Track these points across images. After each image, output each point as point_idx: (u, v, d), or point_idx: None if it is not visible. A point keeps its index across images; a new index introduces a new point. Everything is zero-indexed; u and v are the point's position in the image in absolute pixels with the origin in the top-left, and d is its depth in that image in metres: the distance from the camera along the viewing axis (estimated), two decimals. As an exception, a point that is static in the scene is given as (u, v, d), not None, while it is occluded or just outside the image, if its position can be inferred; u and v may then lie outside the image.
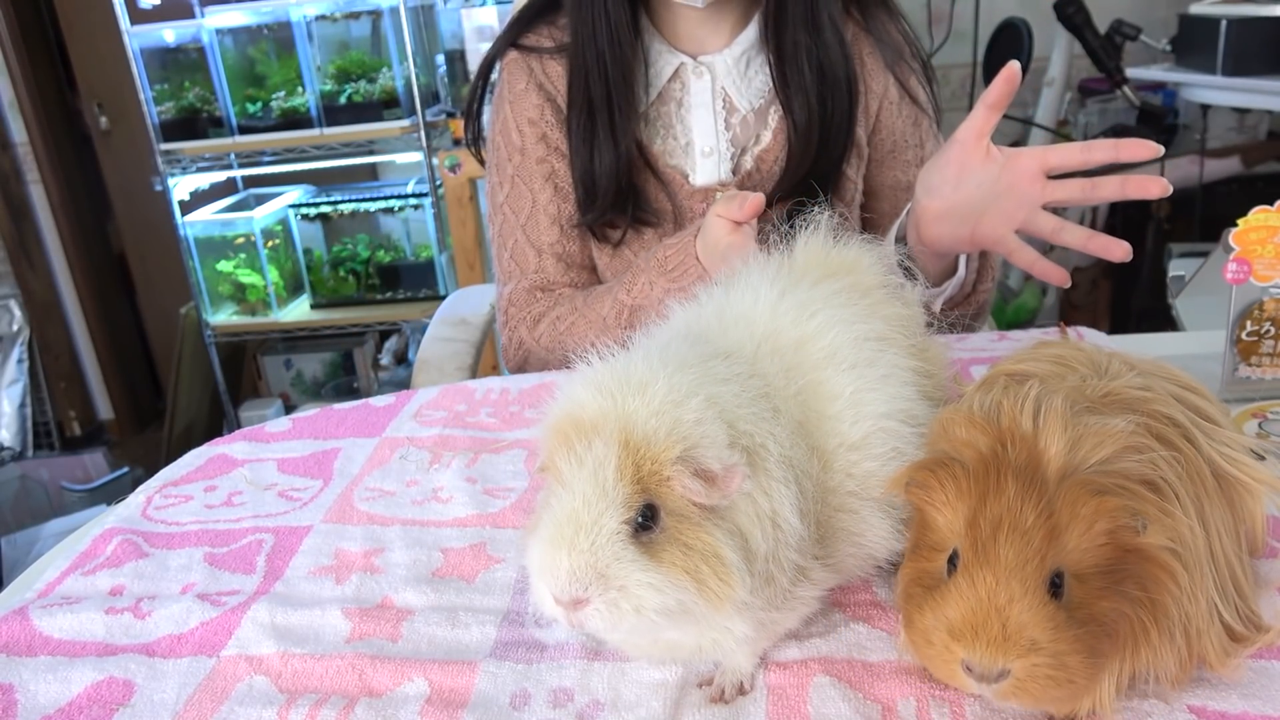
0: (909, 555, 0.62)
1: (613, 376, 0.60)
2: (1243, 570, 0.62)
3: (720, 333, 0.69)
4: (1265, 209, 0.94)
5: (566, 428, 0.60)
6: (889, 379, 0.69)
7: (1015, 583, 0.53)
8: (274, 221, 3.40)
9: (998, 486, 0.55)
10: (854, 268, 0.77)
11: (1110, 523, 0.53)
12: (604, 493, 0.57)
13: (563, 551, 0.57)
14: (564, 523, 0.57)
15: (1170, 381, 0.67)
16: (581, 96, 1.28)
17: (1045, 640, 0.53)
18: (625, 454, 0.57)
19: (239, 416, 3.53)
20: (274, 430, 1.11)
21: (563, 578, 0.56)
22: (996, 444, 0.57)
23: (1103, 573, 0.54)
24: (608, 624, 0.57)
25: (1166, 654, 0.57)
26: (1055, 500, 0.54)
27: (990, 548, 0.54)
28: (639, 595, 0.56)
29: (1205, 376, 1.02)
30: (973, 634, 0.54)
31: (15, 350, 3.80)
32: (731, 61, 1.31)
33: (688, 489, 0.57)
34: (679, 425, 0.57)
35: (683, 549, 0.57)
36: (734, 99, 1.31)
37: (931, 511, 0.59)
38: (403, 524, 0.89)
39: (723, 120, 1.32)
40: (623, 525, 0.57)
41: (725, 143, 1.31)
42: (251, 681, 0.69)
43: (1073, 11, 2.77)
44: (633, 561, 0.56)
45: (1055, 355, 0.69)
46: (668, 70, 1.31)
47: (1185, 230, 3.08)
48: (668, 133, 1.33)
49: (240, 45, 3.16)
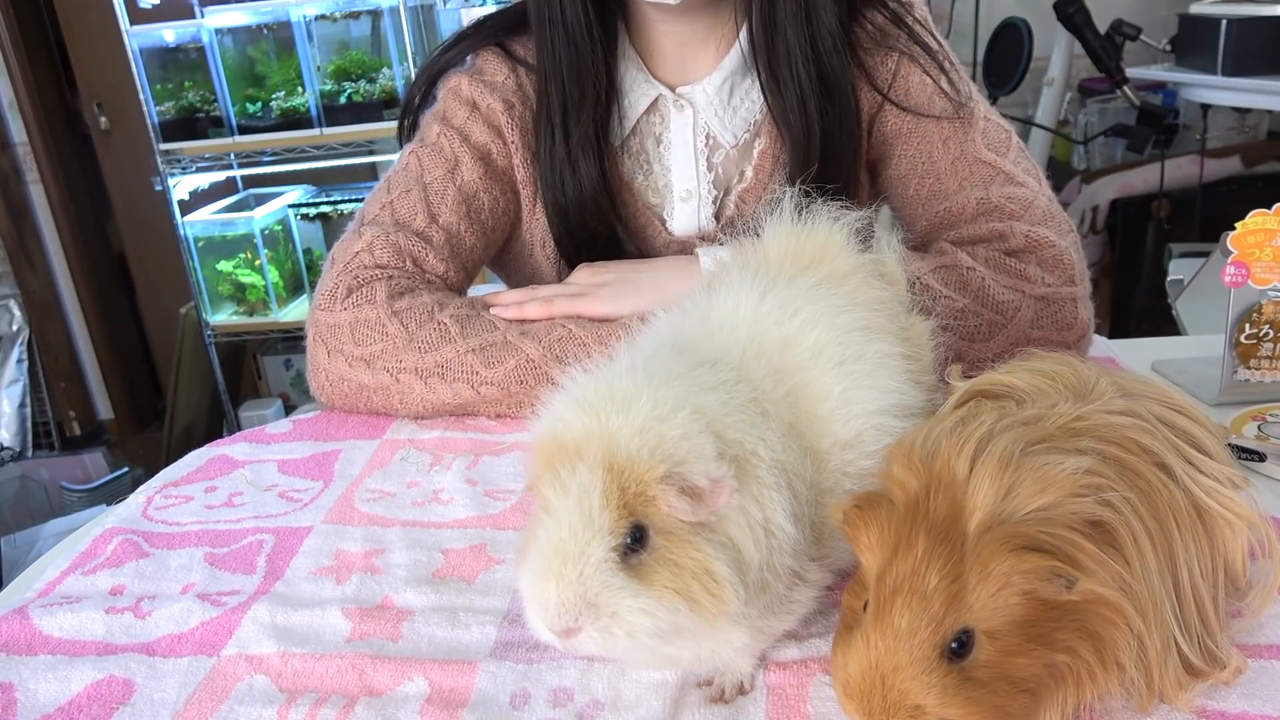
0: (851, 583, 0.61)
1: (596, 392, 0.59)
2: (1213, 604, 0.61)
3: (705, 339, 0.68)
4: (1263, 212, 0.94)
5: (551, 449, 0.59)
6: (878, 371, 0.68)
7: (904, 650, 0.53)
8: (274, 221, 3.40)
9: (909, 543, 0.54)
10: (827, 253, 0.76)
11: (1027, 582, 0.52)
12: (590, 521, 0.56)
13: (551, 583, 0.56)
14: (551, 554, 0.56)
15: (1160, 403, 0.66)
16: (545, 116, 1.16)
17: (932, 706, 0.53)
18: (610, 478, 0.56)
19: (239, 416, 3.53)
20: (274, 432, 1.11)
21: (552, 609, 0.56)
22: (923, 490, 0.56)
23: (1021, 627, 0.53)
24: (602, 650, 0.58)
25: (1115, 691, 0.56)
26: (968, 559, 0.53)
27: (887, 611, 0.54)
28: (631, 621, 0.56)
29: (1205, 379, 1.03)
30: (861, 696, 0.55)
31: (15, 350, 3.80)
32: (714, 91, 1.18)
33: (674, 508, 0.56)
34: (663, 442, 0.57)
35: (673, 568, 0.57)
36: (717, 135, 1.19)
37: (858, 550, 0.58)
38: (403, 525, 0.89)
39: (704, 160, 1.19)
40: (610, 553, 0.56)
41: (707, 185, 1.20)
42: (251, 681, 0.70)
43: (1073, 11, 2.77)
44: (622, 588, 0.56)
45: (1044, 370, 0.68)
46: (644, 102, 1.19)
47: (1185, 230, 3.08)
48: (647, 170, 1.21)
49: (240, 45, 3.16)
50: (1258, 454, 0.87)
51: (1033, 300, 1.01)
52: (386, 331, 1.05)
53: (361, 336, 1.06)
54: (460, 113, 1.19)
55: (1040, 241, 1.03)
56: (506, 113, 1.18)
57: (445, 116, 1.20)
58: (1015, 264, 1.03)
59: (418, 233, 1.13)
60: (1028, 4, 3.23)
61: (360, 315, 1.06)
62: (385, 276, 1.09)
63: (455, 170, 1.16)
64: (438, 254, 1.13)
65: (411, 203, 1.14)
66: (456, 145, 1.17)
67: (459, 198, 1.15)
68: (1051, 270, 1.03)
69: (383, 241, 1.11)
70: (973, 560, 0.53)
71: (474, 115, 1.19)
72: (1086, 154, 3.46)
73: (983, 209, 1.07)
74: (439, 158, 1.17)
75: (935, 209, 1.11)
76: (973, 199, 1.08)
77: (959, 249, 1.05)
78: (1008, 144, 1.12)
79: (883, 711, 0.54)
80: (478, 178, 1.17)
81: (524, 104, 1.19)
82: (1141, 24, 2.82)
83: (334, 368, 1.08)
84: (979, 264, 1.03)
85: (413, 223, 1.13)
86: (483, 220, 1.18)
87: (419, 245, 1.12)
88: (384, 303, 1.06)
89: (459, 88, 1.20)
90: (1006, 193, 1.07)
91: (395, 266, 1.11)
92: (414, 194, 1.15)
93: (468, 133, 1.18)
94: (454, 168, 1.16)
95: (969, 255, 1.04)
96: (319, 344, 1.10)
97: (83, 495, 3.18)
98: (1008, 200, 1.07)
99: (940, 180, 1.12)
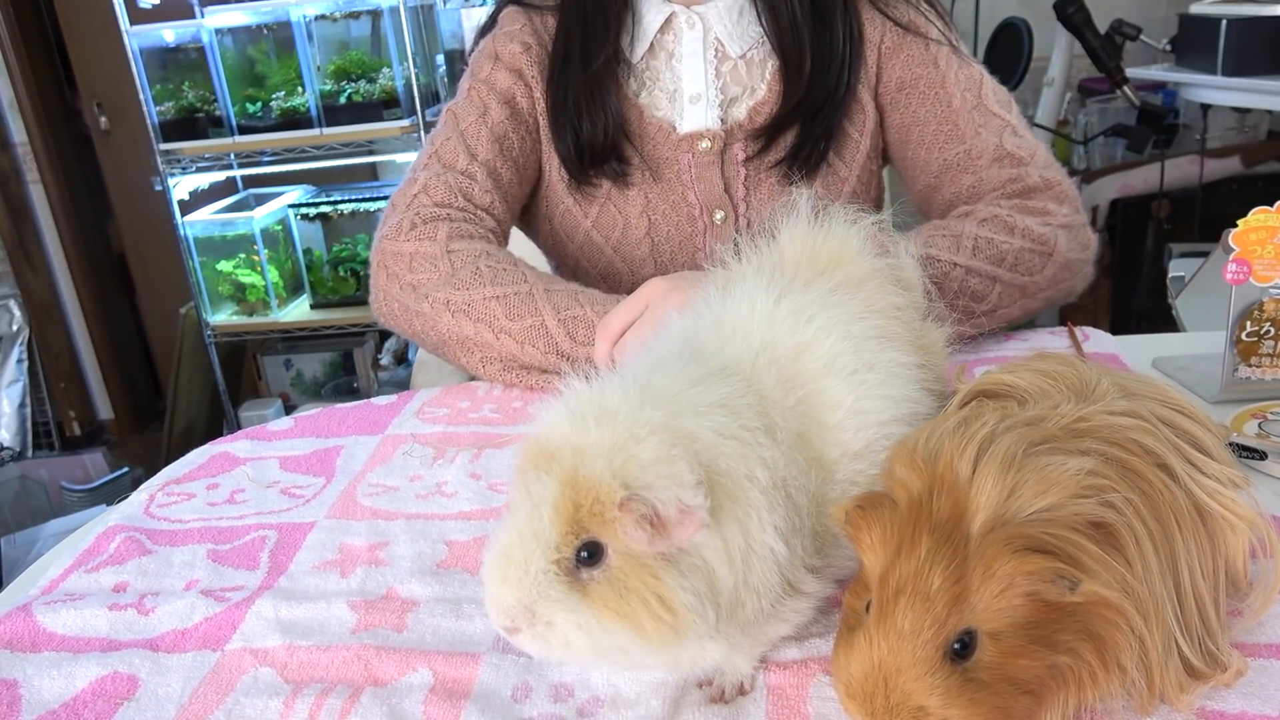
0: (852, 583, 0.61)
1: (589, 402, 0.59)
2: (1214, 606, 0.61)
3: (718, 345, 0.68)
4: (1265, 210, 0.94)
5: (532, 451, 0.59)
6: (891, 381, 0.68)
7: (907, 651, 0.53)
8: (274, 221, 3.41)
9: (912, 543, 0.54)
10: (843, 257, 0.75)
11: (1030, 583, 0.52)
12: (538, 531, 0.56)
13: (494, 584, 0.57)
14: (499, 555, 0.57)
15: (1161, 404, 0.66)
16: (563, 47, 1.27)
17: (935, 707, 0.53)
18: (568, 492, 0.56)
19: (239, 416, 3.53)
20: (276, 429, 1.11)
21: (493, 609, 0.58)
22: (926, 491, 0.56)
23: (1024, 629, 0.53)
24: (539, 653, 0.58)
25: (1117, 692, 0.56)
26: (971, 560, 0.53)
27: (890, 611, 0.54)
28: (566, 633, 0.56)
29: (1205, 377, 1.03)
30: (863, 697, 0.55)
31: (15, 350, 3.80)
32: (724, 8, 1.28)
33: (629, 537, 0.55)
34: (630, 464, 0.55)
35: (621, 591, 0.56)
36: (726, 46, 1.29)
37: (860, 551, 0.58)
38: (407, 518, 0.89)
39: (713, 68, 1.29)
40: (551, 565, 0.56)
41: (714, 89, 1.28)
42: (257, 673, 0.70)
43: (1073, 11, 2.77)
44: (559, 601, 0.56)
45: (1047, 370, 0.68)
46: (658, 20, 1.29)
47: (1185, 230, 3.08)
48: (655, 84, 1.31)
49: (240, 45, 3.16)
50: (1258, 452, 0.87)
51: (1060, 229, 1.17)
52: (438, 266, 1.15)
53: (417, 266, 1.16)
54: (486, 66, 1.31)
55: (1051, 181, 1.20)
56: (525, 54, 1.29)
57: (474, 72, 1.33)
58: (1036, 203, 1.19)
59: (463, 171, 1.25)
60: (1028, 4, 3.23)
61: (421, 248, 1.17)
62: (446, 217, 1.21)
63: (485, 115, 1.28)
64: (481, 187, 1.25)
65: (453, 148, 1.27)
66: (484, 94, 1.29)
67: (491, 137, 1.27)
68: (1064, 203, 1.20)
69: (436, 182, 1.23)
70: (976, 561, 0.53)
71: (497, 65, 1.30)
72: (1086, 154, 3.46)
73: (998, 155, 1.22)
74: (470, 107, 1.29)
75: (953, 151, 1.24)
76: (990, 144, 1.22)
77: (987, 204, 1.19)
78: (1010, 105, 1.28)
79: (885, 712, 0.54)
80: (505, 119, 1.28)
81: (540, 43, 1.31)
82: (1141, 24, 2.82)
83: (390, 289, 1.19)
84: (1007, 209, 1.17)
85: (457, 163, 1.26)
86: (514, 157, 1.29)
87: (465, 182, 1.24)
88: (443, 241, 1.17)
89: (485, 48, 1.34)
90: (1016, 142, 1.23)
91: (452, 205, 1.23)
92: (454, 140, 1.28)
93: (493, 81, 1.30)
94: (484, 112, 1.28)
95: (997, 206, 1.18)
96: (382, 268, 1.20)
97: (83, 495, 3.18)
98: (1018, 148, 1.22)
99: (958, 126, 1.24)
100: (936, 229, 1.16)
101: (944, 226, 1.16)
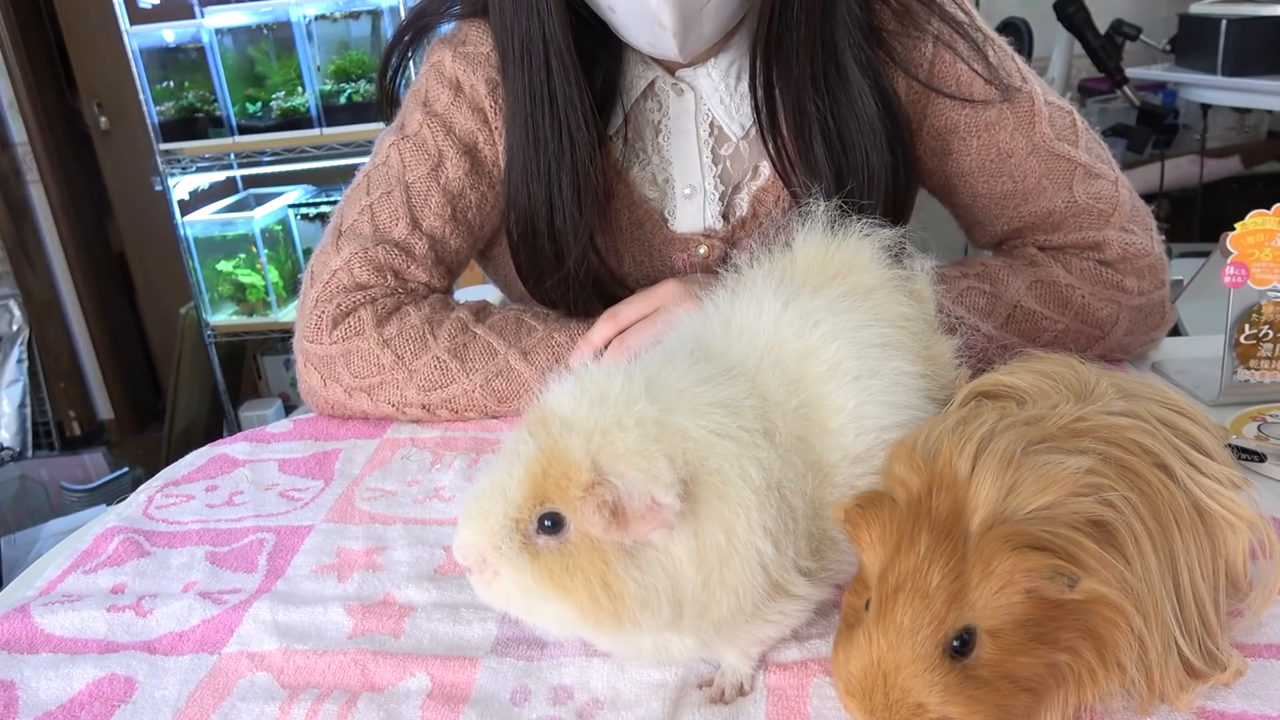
0: (852, 581, 0.61)
1: (593, 383, 0.61)
2: (1214, 606, 0.61)
3: (725, 345, 0.68)
4: (1262, 213, 0.94)
5: (533, 414, 0.61)
6: (893, 388, 0.68)
7: (906, 648, 0.53)
8: (274, 221, 3.41)
9: (911, 540, 0.54)
10: (854, 265, 0.76)
11: (1029, 580, 0.52)
12: (505, 488, 0.59)
13: (461, 520, 0.61)
14: (472, 496, 0.61)
15: (1160, 404, 0.66)
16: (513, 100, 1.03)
17: (935, 704, 0.53)
18: (542, 460, 0.58)
19: (239, 416, 3.53)
20: (275, 431, 1.11)
21: (456, 544, 0.61)
22: (925, 489, 0.56)
23: (1023, 626, 0.53)
24: (485, 598, 0.62)
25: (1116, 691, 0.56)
26: (970, 557, 0.53)
27: (890, 608, 0.54)
28: (508, 588, 0.59)
29: (1204, 379, 1.03)
30: (863, 695, 0.55)
31: (15, 350, 3.80)
32: (719, 76, 1.06)
33: (588, 521, 0.56)
34: (605, 450, 0.56)
35: (569, 567, 0.57)
36: (723, 125, 1.07)
37: (859, 548, 0.58)
38: (404, 522, 0.89)
39: (709, 152, 1.08)
40: (510, 521, 0.58)
41: (713, 180, 1.08)
42: (253, 678, 0.70)
43: (1073, 11, 2.77)
44: (510, 558, 0.59)
45: (1046, 371, 0.68)
46: (639, 84, 1.07)
47: (1185, 230, 3.08)
48: (644, 161, 1.09)
49: (240, 45, 3.16)
50: (1257, 454, 0.87)
51: (1129, 310, 1.03)
52: (381, 364, 1.03)
53: (357, 368, 1.04)
54: (443, 96, 1.09)
55: (1137, 252, 1.03)
56: (491, 94, 1.08)
57: (428, 101, 1.10)
58: (1112, 275, 1.02)
59: (398, 243, 1.06)
60: (1028, 4, 3.23)
61: (351, 347, 1.03)
62: (369, 300, 1.04)
63: (439, 168, 1.08)
64: (420, 264, 1.07)
65: (393, 207, 1.07)
66: (440, 139, 1.08)
67: (443, 199, 1.07)
68: (1145, 278, 1.03)
69: (361, 259, 1.05)
70: (975, 558, 0.53)
71: (458, 99, 1.09)
72: (1086, 154, 3.46)
73: (1071, 211, 1.03)
74: (421, 154, 1.08)
75: (1020, 212, 1.06)
76: (1059, 201, 1.03)
77: (1052, 260, 1.03)
78: (1074, 128, 1.05)
79: (884, 709, 0.54)
80: (463, 174, 1.08)
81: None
82: (1141, 24, 2.83)
83: (331, 395, 1.06)
84: (1075, 277, 1.02)
85: (393, 231, 1.06)
86: (469, 220, 1.10)
87: (400, 258, 1.06)
88: (372, 332, 1.02)
89: (442, 64, 1.11)
90: (1093, 191, 1.03)
91: (377, 285, 1.05)
92: (395, 195, 1.07)
93: (451, 122, 1.08)
94: (438, 165, 1.08)
95: (1064, 268, 1.02)
96: (312, 371, 1.06)
97: (83, 495, 3.18)
98: (1095, 200, 1.03)
99: (1016, 179, 1.04)
100: (980, 277, 1.02)
101: (989, 275, 1.02)
